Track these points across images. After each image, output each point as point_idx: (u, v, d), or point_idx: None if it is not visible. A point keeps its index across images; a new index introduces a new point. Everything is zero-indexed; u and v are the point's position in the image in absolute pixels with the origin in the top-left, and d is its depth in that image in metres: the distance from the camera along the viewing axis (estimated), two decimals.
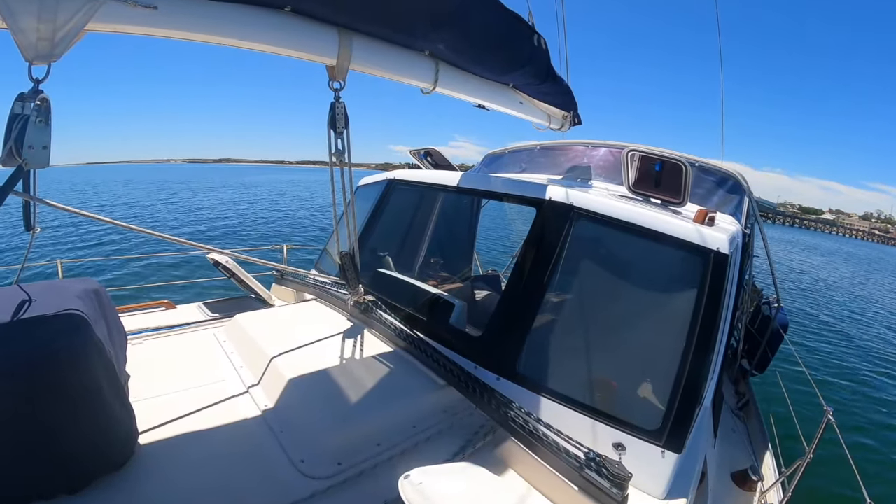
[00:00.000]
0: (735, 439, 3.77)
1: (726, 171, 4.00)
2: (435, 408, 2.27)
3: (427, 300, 3.09)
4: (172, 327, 3.02)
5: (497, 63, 2.45)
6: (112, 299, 2.16)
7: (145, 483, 1.62)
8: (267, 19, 1.62)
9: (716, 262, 2.16)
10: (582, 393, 2.26)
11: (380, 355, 2.60)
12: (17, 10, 1.12)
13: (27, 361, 1.37)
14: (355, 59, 1.89)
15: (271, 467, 1.80)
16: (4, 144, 1.25)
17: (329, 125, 2.18)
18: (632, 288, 2.53)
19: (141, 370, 2.26)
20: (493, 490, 1.65)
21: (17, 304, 1.61)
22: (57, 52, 1.21)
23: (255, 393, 2.27)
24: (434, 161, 4.50)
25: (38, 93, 1.26)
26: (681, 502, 1.97)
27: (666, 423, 2.04)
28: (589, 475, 1.75)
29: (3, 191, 1.28)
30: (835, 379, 9.30)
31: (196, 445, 1.87)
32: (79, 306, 1.66)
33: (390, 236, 4.22)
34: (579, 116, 3.44)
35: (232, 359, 2.59)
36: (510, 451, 2.06)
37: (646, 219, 2.32)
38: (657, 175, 2.69)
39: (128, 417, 1.69)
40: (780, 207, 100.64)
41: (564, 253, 2.46)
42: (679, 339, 2.13)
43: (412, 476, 1.48)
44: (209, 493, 1.64)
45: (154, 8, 1.34)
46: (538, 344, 2.47)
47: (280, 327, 2.83)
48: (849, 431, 6.82)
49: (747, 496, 2.97)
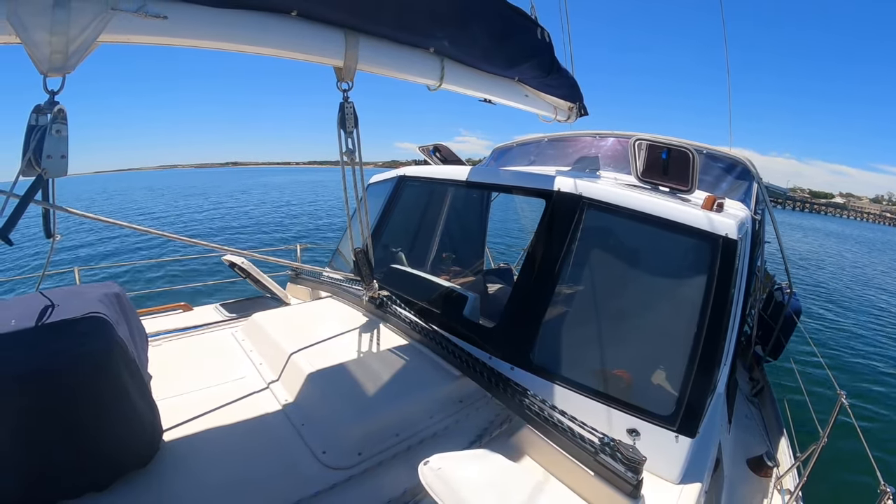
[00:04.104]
0: (750, 426, 3.77)
1: (734, 157, 3.98)
2: (451, 398, 2.30)
3: (440, 294, 3.12)
4: (191, 328, 3.06)
5: (501, 58, 2.46)
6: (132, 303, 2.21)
7: (171, 478, 1.66)
8: (274, 24, 1.65)
9: (725, 247, 2.17)
10: (595, 380, 2.28)
11: (396, 348, 2.64)
12: (30, 25, 1.16)
13: (55, 365, 1.41)
14: (362, 60, 1.92)
15: (293, 460, 1.83)
16: (24, 155, 1.28)
17: (339, 125, 2.20)
18: (642, 275, 2.55)
19: (162, 370, 2.31)
20: (511, 475, 1.68)
21: (41, 309, 1.66)
22: (70, 64, 1.25)
23: (275, 388, 2.31)
24: (443, 156, 4.52)
25: (54, 104, 1.29)
26: (695, 486, 1.99)
27: (679, 407, 2.05)
28: (604, 460, 1.77)
29: (24, 200, 1.32)
30: (849, 363, 9.25)
31: (219, 441, 1.91)
32: (101, 309, 1.71)
33: (402, 232, 4.25)
34: (585, 107, 3.45)
35: (251, 356, 2.63)
36: (526, 439, 2.08)
37: (654, 207, 2.33)
38: (664, 163, 2.69)
39: (152, 415, 1.73)
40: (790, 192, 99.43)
41: (575, 243, 2.48)
42: (690, 325, 2.14)
43: (431, 462, 1.52)
44: (233, 486, 1.68)
45: (164, 18, 1.37)
46: (551, 333, 2.49)
47: (297, 324, 2.87)
48: (863, 416, 6.77)
49: (763, 482, 2.97)
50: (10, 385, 1.35)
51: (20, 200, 1.31)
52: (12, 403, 1.36)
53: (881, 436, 6.37)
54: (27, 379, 1.36)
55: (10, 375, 1.36)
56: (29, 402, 1.37)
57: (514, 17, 2.33)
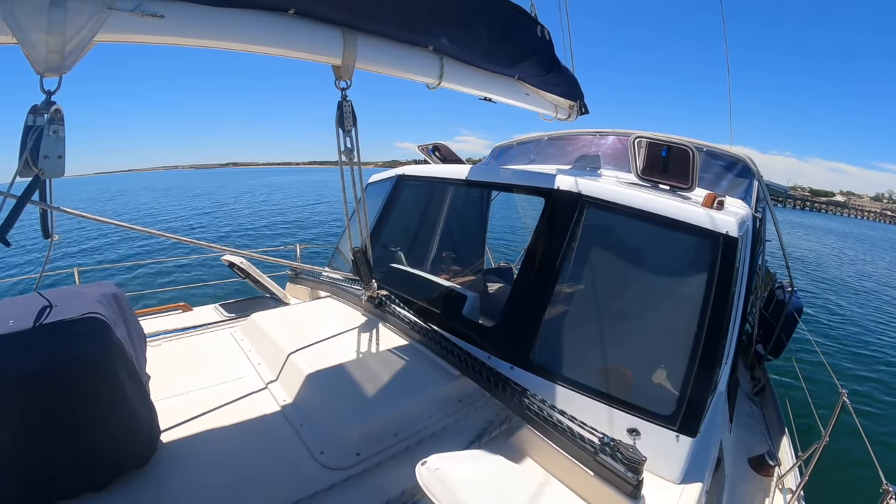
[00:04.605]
0: (751, 425, 3.76)
1: (735, 155, 3.97)
2: (450, 398, 2.29)
3: (440, 293, 3.11)
4: (190, 329, 3.05)
5: (501, 56, 2.45)
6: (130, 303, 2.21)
7: (168, 478, 1.66)
8: (272, 23, 1.64)
9: (725, 245, 2.16)
10: (595, 379, 2.27)
11: (395, 348, 2.63)
12: (26, 25, 1.15)
13: (52, 365, 1.41)
14: (360, 58, 1.91)
15: (291, 460, 1.83)
16: (21, 156, 1.28)
17: (337, 124, 2.20)
18: (642, 274, 2.54)
19: (161, 371, 2.30)
20: (510, 475, 1.67)
21: (40, 310, 1.65)
22: (67, 64, 1.24)
23: (273, 389, 2.30)
24: (442, 156, 4.50)
25: (50, 104, 1.29)
26: (696, 486, 1.98)
27: (680, 407, 2.04)
28: (604, 460, 1.76)
29: (22, 200, 1.31)
30: (851, 361, 9.22)
31: (217, 441, 1.91)
32: (99, 310, 1.71)
33: (402, 232, 4.24)
34: (586, 106, 3.44)
35: (250, 356, 2.63)
36: (525, 439, 2.07)
37: (654, 205, 2.32)
38: (664, 161, 2.68)
39: (150, 416, 1.73)
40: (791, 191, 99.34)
41: (574, 241, 2.47)
42: (691, 324, 2.13)
43: (429, 462, 1.51)
44: (230, 486, 1.67)
45: (161, 17, 1.36)
46: (550, 332, 2.48)
47: (296, 324, 2.86)
48: (865, 414, 6.76)
49: (765, 481, 2.97)
50: (8, 386, 1.35)
51: (17, 201, 1.31)
52: (11, 405, 1.35)
53: (883, 435, 6.35)
54: (25, 380, 1.36)
55: (9, 377, 1.35)
56: (27, 403, 1.36)
57: (514, 16, 2.32)
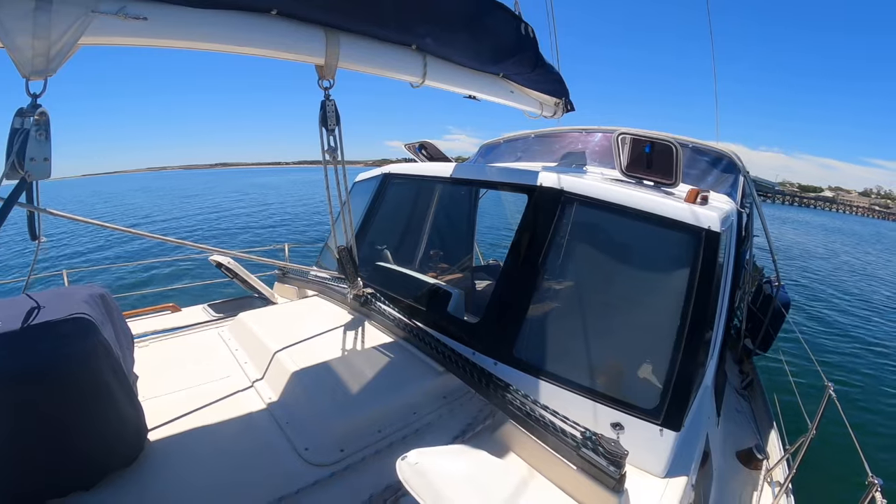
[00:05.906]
0: (740, 418, 3.80)
1: (720, 150, 4.00)
2: (435, 394, 2.31)
3: (425, 290, 3.13)
4: (178, 329, 3.06)
5: (484, 53, 2.47)
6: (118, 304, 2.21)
7: (155, 477, 1.67)
8: (254, 23, 1.65)
9: (707, 240, 2.18)
10: (578, 374, 2.29)
11: (380, 346, 2.65)
12: (12, 29, 1.16)
13: (39, 366, 1.41)
14: (343, 58, 1.93)
15: (276, 457, 1.85)
16: (7, 158, 1.29)
17: (321, 123, 2.22)
18: (625, 269, 2.56)
19: (148, 371, 2.31)
20: (492, 469, 1.68)
21: (27, 311, 1.65)
22: (52, 67, 1.25)
23: (259, 387, 2.32)
24: (429, 154, 4.51)
25: (36, 107, 1.30)
26: (681, 480, 2.00)
27: (663, 401, 2.06)
28: (586, 454, 1.78)
29: (8, 203, 1.32)
30: (837, 355, 9.33)
31: (204, 439, 1.92)
32: (86, 311, 1.71)
33: (389, 230, 4.24)
34: (571, 103, 3.46)
35: (236, 355, 2.64)
36: (509, 434, 2.09)
37: (636, 200, 2.34)
38: (648, 157, 2.71)
39: (137, 415, 1.74)
40: (779, 186, 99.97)
41: (557, 237, 2.49)
42: (674, 318, 2.15)
43: (409, 457, 1.51)
44: (216, 484, 1.69)
45: (144, 19, 1.37)
46: (534, 328, 2.51)
47: (282, 323, 2.88)
48: (852, 407, 6.84)
49: (753, 474, 3.00)
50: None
51: (4, 203, 1.32)
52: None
53: (869, 427, 6.44)
54: (11, 379, 1.36)
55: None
56: (13, 403, 1.37)
57: (496, 13, 2.33)
